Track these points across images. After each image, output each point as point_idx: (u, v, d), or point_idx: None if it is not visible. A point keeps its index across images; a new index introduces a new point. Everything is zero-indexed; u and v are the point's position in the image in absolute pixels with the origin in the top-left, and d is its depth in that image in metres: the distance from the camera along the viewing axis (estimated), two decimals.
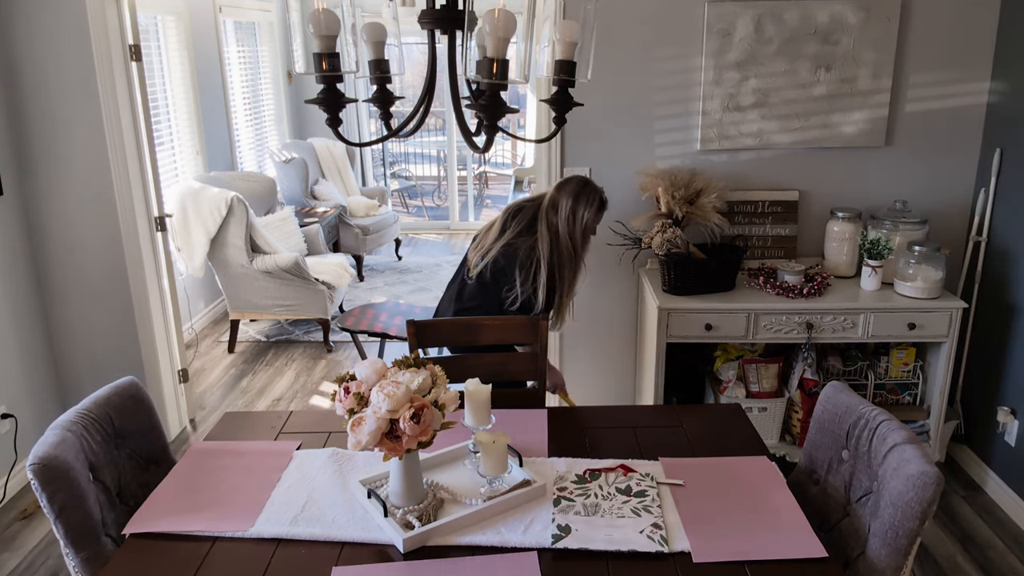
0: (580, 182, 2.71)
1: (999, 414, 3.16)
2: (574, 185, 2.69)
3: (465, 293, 2.77)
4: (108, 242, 3.56)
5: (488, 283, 2.68)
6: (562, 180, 2.75)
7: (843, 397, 2.00)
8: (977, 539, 2.98)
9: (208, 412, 4.19)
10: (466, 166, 8.98)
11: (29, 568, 2.92)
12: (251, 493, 1.87)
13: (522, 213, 2.72)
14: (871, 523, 1.74)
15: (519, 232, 2.67)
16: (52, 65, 3.34)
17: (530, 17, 1.40)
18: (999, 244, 3.20)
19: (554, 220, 2.64)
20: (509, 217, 2.73)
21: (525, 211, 2.73)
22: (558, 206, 2.65)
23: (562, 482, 1.90)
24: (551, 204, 2.67)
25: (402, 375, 1.69)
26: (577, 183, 2.70)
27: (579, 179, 2.74)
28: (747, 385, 3.28)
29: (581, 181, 2.72)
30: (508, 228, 2.70)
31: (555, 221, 2.64)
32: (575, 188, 2.67)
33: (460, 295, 2.79)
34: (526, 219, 2.69)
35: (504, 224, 2.72)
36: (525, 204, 2.77)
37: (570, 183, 2.70)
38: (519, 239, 2.65)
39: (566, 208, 2.64)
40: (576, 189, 2.67)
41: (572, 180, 2.72)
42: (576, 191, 2.66)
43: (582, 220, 2.64)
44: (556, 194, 2.68)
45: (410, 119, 1.59)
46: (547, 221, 2.65)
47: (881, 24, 3.21)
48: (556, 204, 2.66)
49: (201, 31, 5.52)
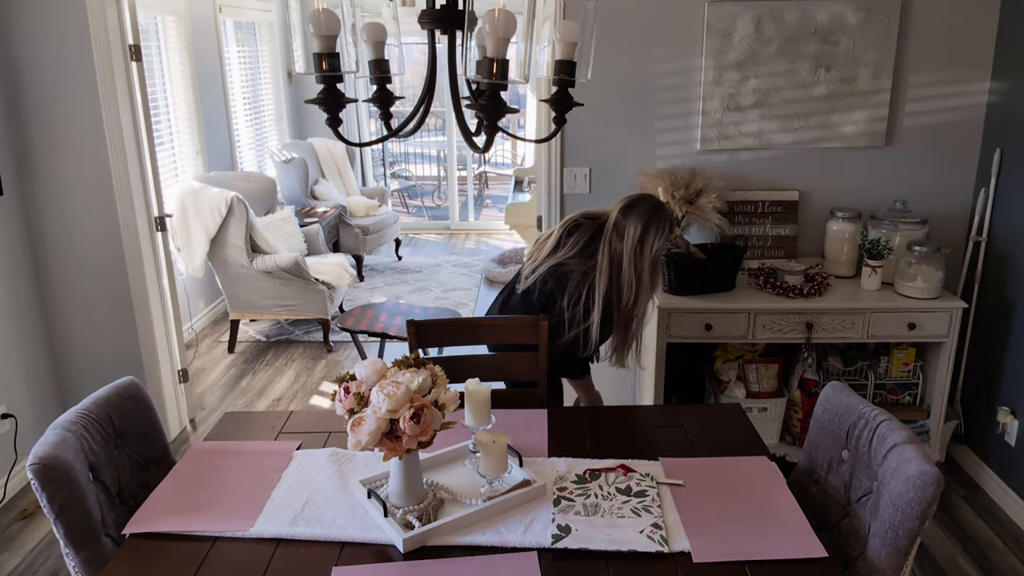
0: (651, 205, 2.39)
1: (999, 414, 3.16)
2: (644, 209, 2.37)
3: (510, 304, 2.61)
4: (108, 242, 3.56)
5: (533, 304, 2.52)
6: (629, 201, 2.42)
7: (843, 397, 2.00)
8: (977, 539, 2.98)
9: (208, 412, 4.19)
10: (466, 166, 8.98)
11: (29, 568, 2.92)
12: (251, 493, 1.87)
13: (580, 231, 2.45)
14: (871, 523, 1.74)
15: (574, 254, 2.41)
16: (52, 65, 3.34)
17: (530, 17, 1.40)
18: (999, 244, 3.20)
19: (618, 248, 2.35)
20: (565, 233, 2.46)
21: (583, 229, 2.45)
22: (624, 232, 2.35)
23: (562, 482, 1.90)
24: (615, 229, 2.37)
25: (402, 375, 1.69)
26: (648, 206, 2.38)
27: (650, 201, 2.41)
28: (747, 385, 3.27)
29: (652, 204, 2.40)
30: (563, 246, 2.44)
31: (619, 249, 2.35)
32: (645, 213, 2.36)
33: (505, 305, 2.63)
34: (583, 239, 2.42)
35: (559, 240, 2.46)
36: (583, 220, 2.48)
37: (639, 205, 2.38)
38: (573, 261, 2.40)
39: (633, 236, 2.33)
40: (646, 214, 2.35)
41: (641, 202, 2.40)
42: (647, 217, 2.35)
43: (651, 250, 2.33)
44: (622, 217, 2.37)
45: (410, 119, 1.59)
46: (609, 248, 2.36)
47: (881, 24, 3.21)
48: (621, 230, 2.36)
49: (201, 31, 5.52)
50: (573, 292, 2.38)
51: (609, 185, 3.49)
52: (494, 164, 10.64)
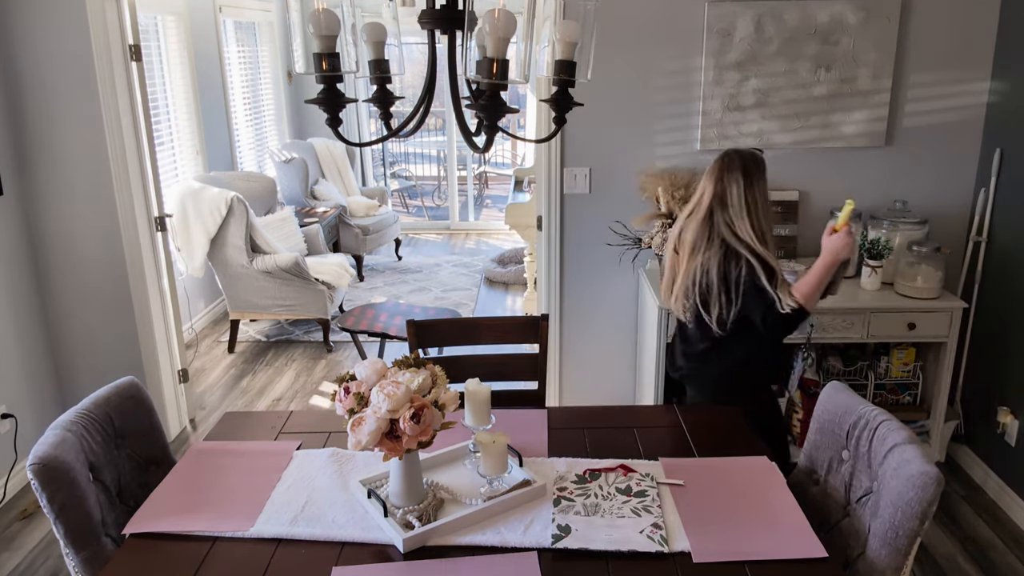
0: (736, 159, 2.31)
1: (999, 414, 3.16)
2: (736, 164, 2.30)
3: (691, 336, 2.48)
4: (108, 242, 3.56)
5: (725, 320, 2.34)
6: (715, 170, 2.33)
7: (843, 397, 2.00)
8: (977, 539, 2.98)
9: (208, 412, 4.19)
10: (466, 166, 8.98)
11: (29, 568, 2.92)
12: (251, 493, 1.87)
13: (686, 236, 2.36)
14: (871, 523, 1.74)
15: (697, 253, 2.33)
16: (52, 65, 3.34)
17: (530, 17, 1.40)
18: (999, 244, 3.20)
19: (730, 218, 2.29)
20: (689, 252, 2.36)
21: (688, 231, 2.37)
22: (726, 200, 2.29)
23: (562, 482, 1.90)
24: (719, 202, 2.30)
25: (402, 375, 1.69)
26: (735, 160, 2.31)
27: (729, 156, 2.33)
28: None
29: (732, 157, 2.32)
30: (697, 250, 2.33)
31: (731, 218, 2.29)
32: (739, 167, 2.29)
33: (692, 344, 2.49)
34: (696, 236, 2.34)
35: (677, 258, 2.40)
36: (681, 228, 2.41)
37: (730, 166, 2.31)
38: (706, 260, 2.31)
39: (738, 195, 2.28)
40: (740, 168, 2.29)
41: (729, 161, 2.32)
42: (742, 170, 2.28)
43: (763, 195, 2.29)
44: (719, 187, 2.30)
45: (410, 119, 1.59)
46: (725, 224, 2.29)
47: (881, 24, 3.21)
48: (724, 199, 2.29)
49: (201, 31, 5.52)
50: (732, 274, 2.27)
51: (609, 185, 3.49)
52: (494, 164, 10.64)
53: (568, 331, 3.70)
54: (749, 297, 2.27)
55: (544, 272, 3.64)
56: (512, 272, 6.43)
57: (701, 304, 2.35)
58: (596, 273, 3.60)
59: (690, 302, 2.39)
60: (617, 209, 3.50)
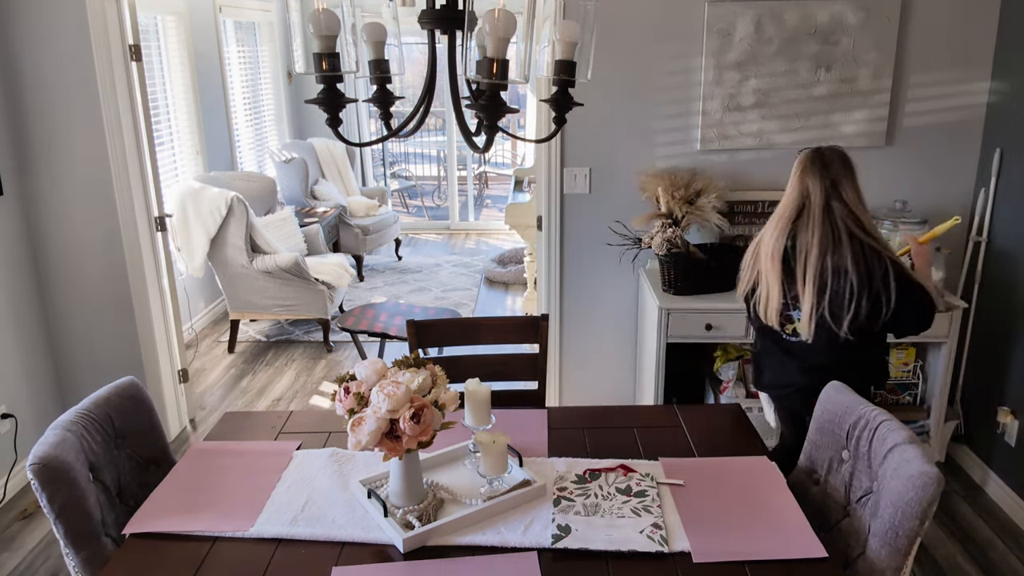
0: (829, 152, 2.26)
1: (999, 414, 3.16)
2: (834, 157, 2.24)
3: (806, 347, 2.32)
4: (108, 242, 3.56)
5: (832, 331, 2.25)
6: (812, 167, 2.24)
7: (843, 397, 2.00)
8: (977, 539, 2.98)
9: (208, 412, 4.19)
10: (466, 166, 8.98)
11: (29, 568, 2.92)
12: (251, 493, 1.87)
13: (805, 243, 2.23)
14: (871, 523, 1.74)
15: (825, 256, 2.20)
16: (52, 65, 3.34)
17: (530, 17, 1.40)
18: (999, 244, 3.20)
19: (851, 212, 2.20)
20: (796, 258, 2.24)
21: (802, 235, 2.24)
22: (842, 194, 2.21)
23: (562, 482, 1.90)
24: (835, 195, 2.21)
25: (402, 375, 1.69)
26: (831, 154, 2.25)
27: (819, 151, 2.26)
28: (747, 385, 3.28)
29: (823, 152, 2.26)
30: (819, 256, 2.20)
31: (853, 213, 2.20)
32: (838, 159, 2.23)
33: (798, 352, 2.35)
34: (822, 238, 2.21)
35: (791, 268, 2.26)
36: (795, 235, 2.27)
37: (827, 160, 2.23)
38: (839, 262, 2.19)
39: (852, 187, 2.21)
40: (840, 160, 2.23)
41: (822, 156, 2.25)
42: (842, 162, 2.23)
43: (855, 183, 2.23)
44: (826, 182, 2.21)
45: (410, 119, 1.59)
46: (851, 220, 2.19)
47: (881, 24, 3.21)
48: (840, 194, 2.21)
49: (201, 31, 5.52)
50: (867, 275, 2.17)
51: (609, 185, 3.49)
52: (494, 164, 10.64)
53: (568, 331, 3.70)
54: (904, 293, 2.15)
55: (544, 272, 3.64)
56: (512, 272, 6.43)
57: (836, 309, 2.19)
58: (596, 273, 3.60)
59: (817, 312, 2.21)
60: (617, 209, 3.50)
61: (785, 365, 2.40)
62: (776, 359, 2.42)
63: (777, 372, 2.44)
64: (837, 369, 2.22)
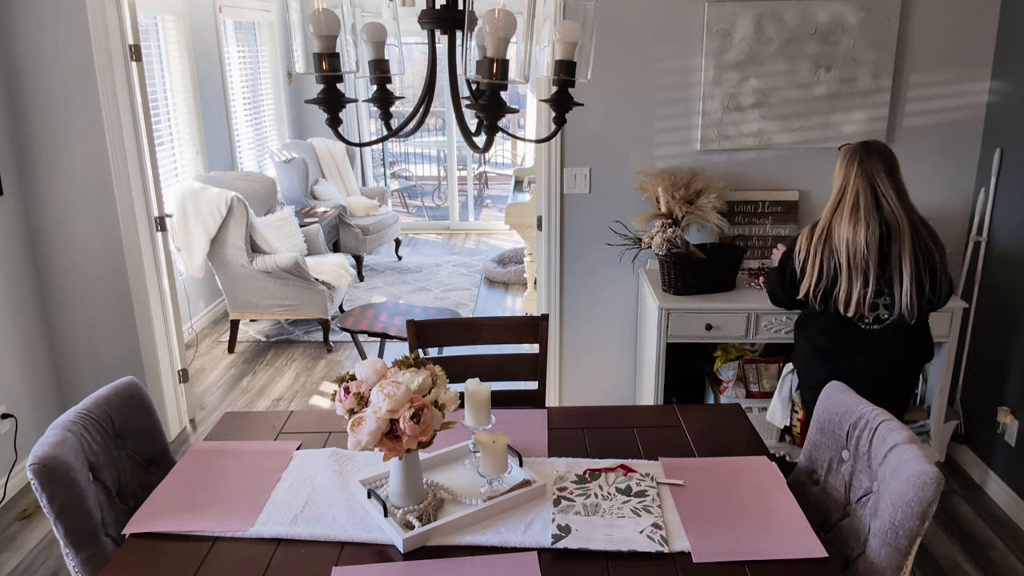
0: (872, 144, 2.37)
1: (999, 414, 3.16)
2: (880, 148, 2.36)
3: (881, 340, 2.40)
4: (108, 242, 3.56)
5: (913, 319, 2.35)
6: (872, 158, 2.34)
7: (843, 397, 2.00)
8: (977, 539, 2.98)
9: (208, 412, 4.19)
10: (466, 166, 8.98)
11: (29, 568, 2.92)
12: (251, 493, 1.87)
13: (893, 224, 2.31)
14: (871, 523, 1.74)
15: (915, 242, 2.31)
16: (52, 65, 3.34)
17: (530, 17, 1.40)
18: (999, 244, 3.20)
19: (910, 202, 2.34)
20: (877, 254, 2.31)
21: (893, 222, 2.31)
22: (897, 178, 2.34)
23: (562, 482, 1.90)
24: (893, 189, 2.32)
25: (402, 375, 1.69)
26: (875, 146, 2.36)
27: (864, 145, 2.37)
28: (747, 385, 3.28)
29: (866, 145, 2.37)
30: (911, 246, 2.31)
31: (910, 202, 2.35)
32: (885, 155, 2.35)
33: (872, 344, 2.42)
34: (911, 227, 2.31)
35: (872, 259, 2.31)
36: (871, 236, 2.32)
37: (870, 151, 2.34)
38: (923, 247, 2.32)
39: (902, 177, 2.35)
40: (886, 155, 2.35)
41: (868, 148, 2.35)
42: (888, 158, 2.35)
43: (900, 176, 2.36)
44: (884, 164, 2.33)
45: (410, 119, 1.59)
46: (912, 208, 2.33)
47: (881, 24, 3.21)
48: (895, 183, 2.33)
49: (201, 31, 5.52)
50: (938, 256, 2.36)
51: (609, 185, 3.49)
52: (494, 164, 10.64)
53: (568, 331, 3.70)
54: (945, 268, 2.34)
55: (544, 272, 3.64)
56: (512, 272, 6.43)
57: (921, 294, 2.31)
58: (596, 273, 3.61)
59: (917, 290, 2.31)
60: (617, 209, 3.50)
61: (863, 354, 2.43)
62: (850, 350, 2.44)
63: (854, 363, 2.45)
64: (916, 346, 2.43)
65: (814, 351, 2.52)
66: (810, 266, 2.38)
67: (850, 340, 2.43)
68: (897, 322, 2.37)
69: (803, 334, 2.57)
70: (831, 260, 2.35)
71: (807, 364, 2.56)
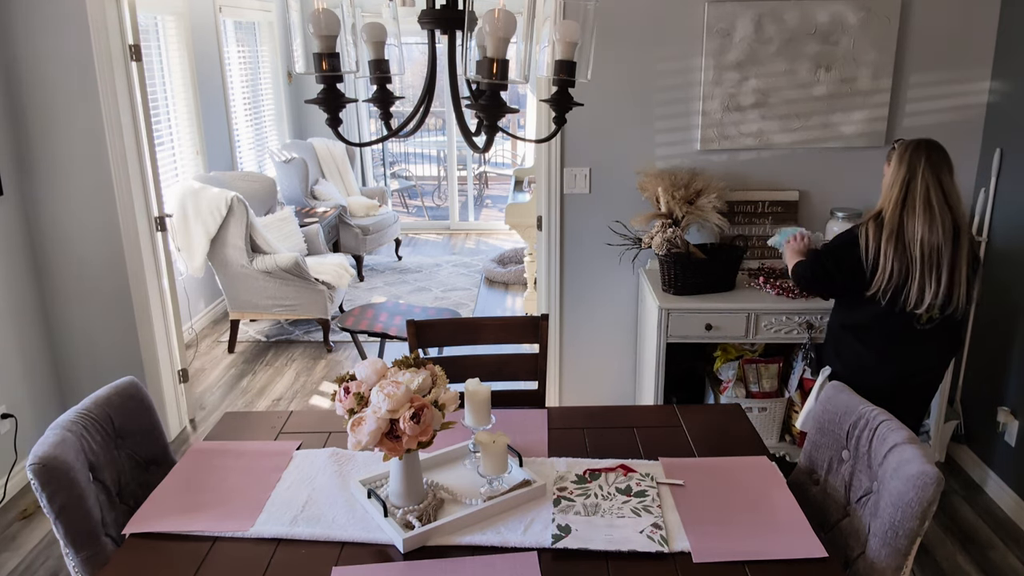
0: (922, 141, 2.33)
1: (999, 414, 3.16)
2: (944, 151, 2.32)
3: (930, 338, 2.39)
4: (108, 242, 3.56)
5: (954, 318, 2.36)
6: (926, 155, 2.30)
7: (843, 397, 2.00)
8: (977, 539, 2.98)
9: (208, 412, 4.19)
10: (466, 166, 8.98)
11: (29, 568, 2.92)
12: (251, 493, 1.87)
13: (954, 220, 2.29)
14: (871, 523, 1.74)
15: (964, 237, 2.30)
16: (52, 65, 3.34)
17: (530, 17, 1.40)
18: (999, 244, 3.20)
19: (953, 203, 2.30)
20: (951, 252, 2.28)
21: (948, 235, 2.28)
22: (941, 178, 2.28)
23: (562, 482, 1.90)
24: (938, 187, 2.27)
25: (402, 375, 1.69)
26: (923, 142, 2.32)
27: (915, 142, 2.33)
28: (747, 385, 3.27)
29: (916, 142, 2.33)
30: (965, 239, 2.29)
31: (955, 202, 2.31)
32: (946, 154, 2.31)
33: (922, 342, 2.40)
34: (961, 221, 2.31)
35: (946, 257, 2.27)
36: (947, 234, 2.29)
37: (945, 155, 2.31)
38: (970, 243, 2.31)
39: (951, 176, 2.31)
40: (947, 154, 2.32)
41: (917, 146, 2.31)
42: (948, 157, 2.32)
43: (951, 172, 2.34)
44: (947, 173, 2.29)
45: (410, 119, 1.59)
46: (959, 207, 2.30)
47: (881, 24, 3.21)
48: (942, 184, 2.27)
49: (201, 31, 5.52)
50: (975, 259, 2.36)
51: (609, 185, 3.49)
52: (494, 164, 10.64)
53: (568, 331, 3.70)
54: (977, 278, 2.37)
55: (544, 272, 3.64)
56: (512, 272, 6.43)
57: (970, 294, 2.32)
58: (596, 273, 3.61)
59: (966, 298, 2.31)
60: (617, 209, 3.50)
61: (916, 352, 2.41)
62: (908, 350, 2.41)
63: (907, 361, 2.43)
64: (955, 344, 2.49)
65: (873, 354, 2.44)
66: (882, 263, 2.30)
67: (908, 340, 2.40)
68: (941, 321, 2.36)
69: (857, 337, 2.47)
70: (904, 257, 2.29)
71: (862, 368, 2.46)
